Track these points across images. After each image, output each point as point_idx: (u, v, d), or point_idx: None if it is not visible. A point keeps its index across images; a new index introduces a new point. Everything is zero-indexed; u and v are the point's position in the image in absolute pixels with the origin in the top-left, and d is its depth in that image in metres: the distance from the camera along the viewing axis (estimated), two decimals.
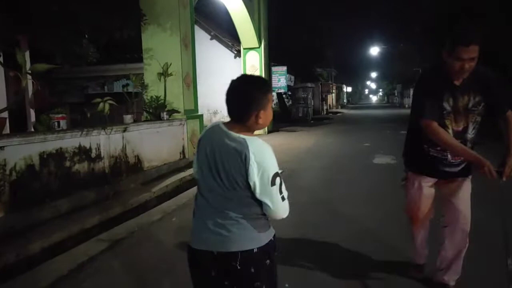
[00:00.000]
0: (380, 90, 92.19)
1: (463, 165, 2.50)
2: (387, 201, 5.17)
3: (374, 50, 43.18)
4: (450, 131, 2.39)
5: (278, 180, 1.55)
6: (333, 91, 42.62)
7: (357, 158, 8.85)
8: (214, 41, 16.22)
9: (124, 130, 6.13)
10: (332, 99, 43.20)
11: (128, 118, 6.66)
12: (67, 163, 4.98)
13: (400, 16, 29.19)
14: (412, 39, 28.54)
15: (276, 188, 1.54)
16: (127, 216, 4.72)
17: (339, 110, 41.84)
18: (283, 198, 1.57)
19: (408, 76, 39.64)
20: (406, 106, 47.77)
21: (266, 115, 1.62)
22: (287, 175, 6.87)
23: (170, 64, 7.94)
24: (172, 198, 5.60)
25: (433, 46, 23.67)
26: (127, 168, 6.13)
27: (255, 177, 1.51)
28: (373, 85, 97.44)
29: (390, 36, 39.04)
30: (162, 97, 7.84)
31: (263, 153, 1.54)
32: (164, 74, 7.88)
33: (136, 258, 3.50)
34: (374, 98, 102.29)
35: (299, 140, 12.80)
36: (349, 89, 66.49)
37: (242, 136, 1.57)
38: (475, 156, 2.27)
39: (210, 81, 15.44)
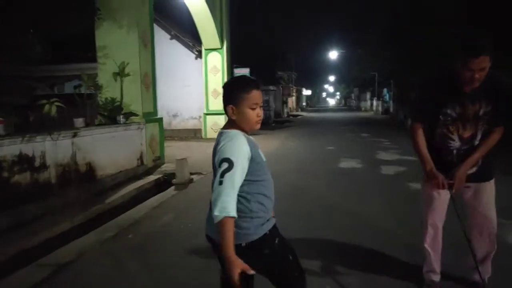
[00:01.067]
0: (338, 93, 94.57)
1: (476, 168, 2.47)
2: (359, 207, 4.98)
3: (333, 54, 44.14)
4: (456, 137, 2.43)
5: (225, 165, 1.55)
6: (294, 94, 42.97)
7: (323, 162, 8.70)
8: (174, 41, 15.60)
9: (74, 135, 5.53)
10: (293, 102, 43.51)
11: (79, 122, 6.05)
12: (5, 174, 4.35)
13: (359, 21, 29.92)
14: (369, 44, 29.29)
15: (219, 170, 1.55)
16: (76, 234, 4.17)
17: (299, 113, 42.19)
18: (220, 182, 1.54)
19: (364, 80, 40.86)
20: (363, 109, 49.35)
21: (240, 113, 1.67)
22: None
23: (127, 63, 7.38)
24: (129, 210, 5.08)
25: (389, 51, 24.49)
26: (77, 177, 5.53)
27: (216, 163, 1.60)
28: (331, 89, 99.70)
29: (348, 40, 40.01)
30: (118, 99, 7.25)
31: (227, 141, 1.62)
32: (120, 74, 7.30)
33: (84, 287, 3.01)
34: (331, 102, 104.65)
35: (262, 144, 12.44)
36: (308, 92, 67.50)
37: (222, 130, 1.72)
38: (431, 168, 2.39)
39: (170, 82, 14.84)
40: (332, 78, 79.05)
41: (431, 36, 14.05)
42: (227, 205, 1.51)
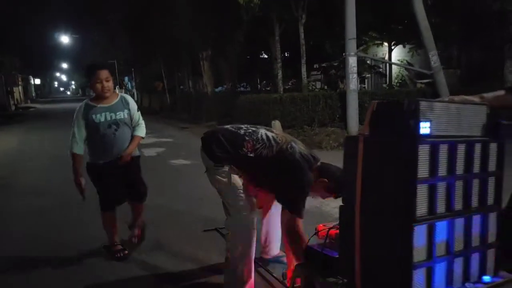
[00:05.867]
0: (73, 82, 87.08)
1: None
2: None
3: (65, 39, 40.05)
4: None
5: (72, 123, 3.02)
6: (20, 83, 36.75)
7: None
8: None
9: None
10: (20, 93, 37.23)
11: None
12: None
13: (94, 5, 28.16)
14: (107, 31, 28.44)
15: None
16: None
17: (30, 104, 36.69)
18: (71, 133, 2.98)
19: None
20: None
21: (93, 86, 2.98)
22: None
23: None
24: None
25: (126, 39, 24.52)
26: None
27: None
28: (64, 77, 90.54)
29: (83, 25, 37.14)
30: None
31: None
32: None
33: None
34: (68, 92, 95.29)
35: None
36: (38, 81, 59.12)
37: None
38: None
39: None
40: (65, 65, 71.63)
41: (168, 28, 15.10)
42: (72, 146, 2.94)
